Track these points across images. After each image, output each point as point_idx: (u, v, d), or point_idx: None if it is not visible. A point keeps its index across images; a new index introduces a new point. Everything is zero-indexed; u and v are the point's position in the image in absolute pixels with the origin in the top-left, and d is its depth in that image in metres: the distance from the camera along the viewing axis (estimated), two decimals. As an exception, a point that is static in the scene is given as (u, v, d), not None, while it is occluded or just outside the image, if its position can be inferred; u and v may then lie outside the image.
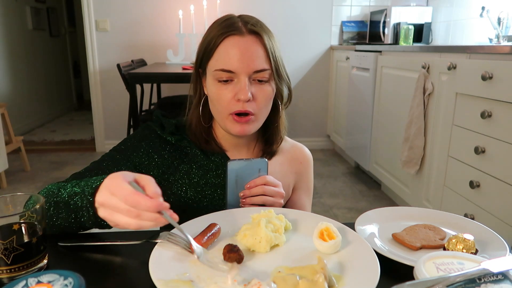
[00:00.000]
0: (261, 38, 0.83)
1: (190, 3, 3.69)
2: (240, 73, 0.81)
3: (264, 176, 0.82)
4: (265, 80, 0.83)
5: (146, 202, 0.54)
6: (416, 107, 2.19)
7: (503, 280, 0.48)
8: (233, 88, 0.82)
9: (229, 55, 0.81)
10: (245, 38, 0.82)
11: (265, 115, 0.88)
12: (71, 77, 6.63)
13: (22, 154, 3.34)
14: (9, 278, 0.55)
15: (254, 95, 0.82)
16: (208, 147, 0.92)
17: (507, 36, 2.54)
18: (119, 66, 2.92)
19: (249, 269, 0.57)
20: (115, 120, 3.94)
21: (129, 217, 0.56)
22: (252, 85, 0.82)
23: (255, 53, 0.81)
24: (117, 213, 0.57)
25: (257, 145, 0.97)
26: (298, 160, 1.01)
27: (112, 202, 0.56)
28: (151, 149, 0.88)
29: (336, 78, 3.88)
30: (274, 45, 0.85)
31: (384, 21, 3.39)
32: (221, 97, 0.83)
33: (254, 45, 0.82)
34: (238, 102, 0.82)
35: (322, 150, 4.12)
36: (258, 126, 0.87)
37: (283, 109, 0.93)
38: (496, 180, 1.62)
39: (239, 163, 0.81)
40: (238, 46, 0.81)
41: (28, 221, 0.57)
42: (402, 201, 2.58)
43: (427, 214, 0.77)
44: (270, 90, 0.85)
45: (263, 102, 0.84)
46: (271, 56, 0.83)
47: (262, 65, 0.82)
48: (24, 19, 4.93)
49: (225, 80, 0.82)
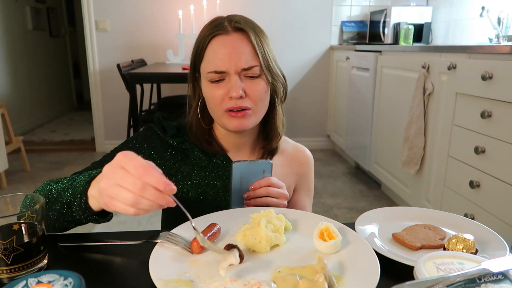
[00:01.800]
0: (247, 35, 0.83)
1: (190, 3, 3.69)
2: (230, 72, 0.81)
3: (269, 177, 0.82)
4: (256, 76, 0.84)
5: (157, 175, 0.51)
6: (416, 107, 2.19)
7: (503, 280, 0.48)
8: (225, 86, 0.83)
9: (217, 56, 0.82)
10: (231, 36, 0.82)
11: (263, 109, 0.88)
12: (71, 77, 6.63)
13: (22, 154, 3.34)
14: (9, 278, 0.55)
15: (246, 91, 0.83)
16: (210, 148, 0.92)
17: (507, 36, 2.54)
18: (119, 66, 2.92)
19: (249, 269, 0.57)
20: (115, 120, 3.94)
21: (132, 190, 0.51)
22: (243, 81, 0.83)
23: (241, 51, 0.82)
24: (117, 189, 0.52)
25: (258, 144, 0.97)
26: (299, 162, 1.01)
27: (118, 174, 0.52)
28: (153, 150, 0.89)
29: (336, 78, 3.88)
30: (262, 40, 0.85)
31: (384, 21, 3.39)
32: (215, 96, 0.84)
33: (240, 42, 0.82)
34: (231, 99, 0.82)
35: (322, 150, 4.12)
36: (256, 121, 0.87)
37: (279, 104, 0.93)
38: (496, 180, 1.62)
39: (243, 165, 0.81)
40: (225, 46, 0.82)
41: (28, 221, 0.57)
42: (402, 201, 2.58)
43: (427, 214, 0.77)
44: (263, 84, 0.85)
45: (257, 97, 0.84)
46: (259, 52, 0.83)
47: (250, 62, 0.82)
48: (24, 19, 4.93)
49: (217, 80, 0.83)
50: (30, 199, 0.64)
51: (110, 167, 0.54)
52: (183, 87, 3.86)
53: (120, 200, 0.53)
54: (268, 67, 0.85)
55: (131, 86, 2.75)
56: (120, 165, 0.53)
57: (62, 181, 0.72)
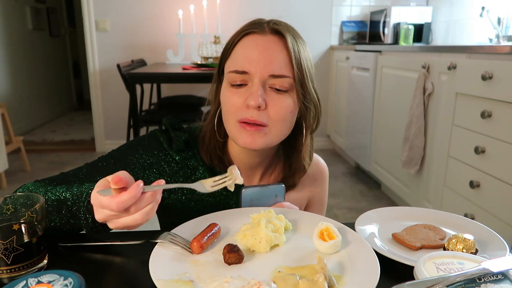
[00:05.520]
0: (284, 40, 0.73)
1: (190, 3, 3.69)
2: (254, 75, 0.71)
3: (282, 203, 0.76)
4: (284, 90, 0.72)
5: (127, 197, 0.54)
6: (416, 107, 2.19)
7: (503, 280, 0.48)
8: (245, 93, 0.72)
9: (245, 54, 0.72)
10: (266, 37, 0.73)
11: (282, 131, 0.75)
12: (71, 77, 6.63)
13: (22, 154, 3.34)
14: (9, 278, 0.55)
15: (268, 104, 0.71)
16: (220, 166, 0.81)
17: (507, 36, 2.54)
18: (119, 66, 2.92)
19: (249, 269, 0.57)
20: (115, 120, 3.94)
21: (128, 214, 0.56)
22: (268, 93, 0.72)
23: (274, 54, 0.71)
24: (118, 220, 0.57)
25: (275, 172, 0.86)
26: (313, 178, 0.92)
27: (105, 214, 0.57)
28: (153, 161, 0.80)
29: (336, 78, 3.88)
30: (302, 51, 0.74)
31: (384, 21, 3.39)
32: (230, 102, 0.73)
33: (275, 45, 0.72)
34: (247, 109, 0.71)
35: (322, 150, 4.11)
36: (271, 142, 0.75)
37: (308, 134, 0.80)
38: (496, 180, 1.62)
39: (253, 190, 0.75)
40: (256, 45, 0.72)
41: (28, 221, 0.57)
42: (402, 201, 2.58)
43: (427, 214, 0.76)
44: (289, 102, 0.73)
45: (279, 114, 0.72)
46: (295, 62, 0.72)
47: (281, 70, 0.71)
48: (24, 19, 4.93)
49: (239, 84, 0.72)
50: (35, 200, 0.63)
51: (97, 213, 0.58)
52: (183, 87, 3.86)
53: (131, 225, 0.57)
54: (302, 82, 0.73)
55: (131, 86, 2.75)
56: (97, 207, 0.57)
57: (52, 191, 0.68)
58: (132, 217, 0.56)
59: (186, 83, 3.53)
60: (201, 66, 3.08)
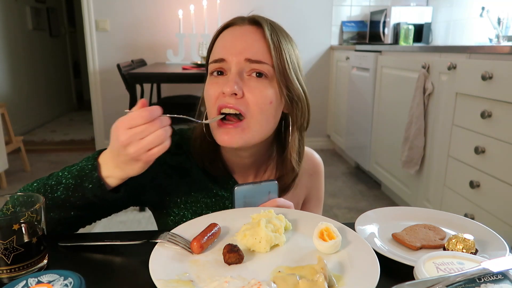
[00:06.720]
0: (262, 29, 0.72)
1: (190, 3, 3.69)
2: (231, 63, 0.70)
3: (275, 199, 0.76)
4: (263, 76, 0.71)
5: (154, 106, 0.57)
6: (416, 107, 2.19)
7: (503, 280, 0.48)
8: (223, 83, 0.70)
9: (223, 43, 0.73)
10: (244, 27, 0.74)
11: (262, 126, 0.72)
12: (71, 77, 6.63)
13: (22, 154, 3.34)
14: (9, 278, 0.55)
15: (245, 92, 0.70)
16: (211, 168, 0.80)
17: (507, 36, 2.54)
18: (119, 66, 2.92)
19: (249, 269, 0.57)
20: (115, 120, 3.90)
21: (154, 130, 0.58)
22: (246, 81, 0.70)
23: (250, 41, 0.71)
24: (144, 141, 0.59)
25: (268, 172, 0.85)
26: (308, 173, 0.91)
27: (129, 135, 0.60)
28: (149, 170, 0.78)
29: (336, 78, 3.88)
30: (283, 42, 0.73)
31: (384, 21, 3.39)
32: (209, 93, 0.72)
33: (252, 34, 0.72)
34: (224, 97, 0.69)
35: (322, 150, 4.11)
36: (251, 138, 0.72)
37: (295, 130, 0.78)
38: (496, 180, 1.62)
39: (246, 188, 0.75)
40: (233, 35, 0.73)
41: (28, 221, 0.57)
42: (402, 201, 2.58)
43: (427, 214, 0.76)
44: (270, 92, 0.71)
45: (257, 104, 0.70)
46: (273, 49, 0.70)
47: (258, 55, 0.70)
48: (24, 19, 4.93)
49: (218, 73, 0.72)
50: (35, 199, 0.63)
51: (116, 142, 0.62)
52: (183, 87, 3.86)
53: (155, 143, 0.58)
54: (283, 72, 0.71)
55: (131, 86, 2.75)
56: (114, 138, 0.62)
57: (58, 174, 0.69)
58: (155, 134, 0.58)
59: (186, 83, 3.52)
60: (201, 66, 3.08)
